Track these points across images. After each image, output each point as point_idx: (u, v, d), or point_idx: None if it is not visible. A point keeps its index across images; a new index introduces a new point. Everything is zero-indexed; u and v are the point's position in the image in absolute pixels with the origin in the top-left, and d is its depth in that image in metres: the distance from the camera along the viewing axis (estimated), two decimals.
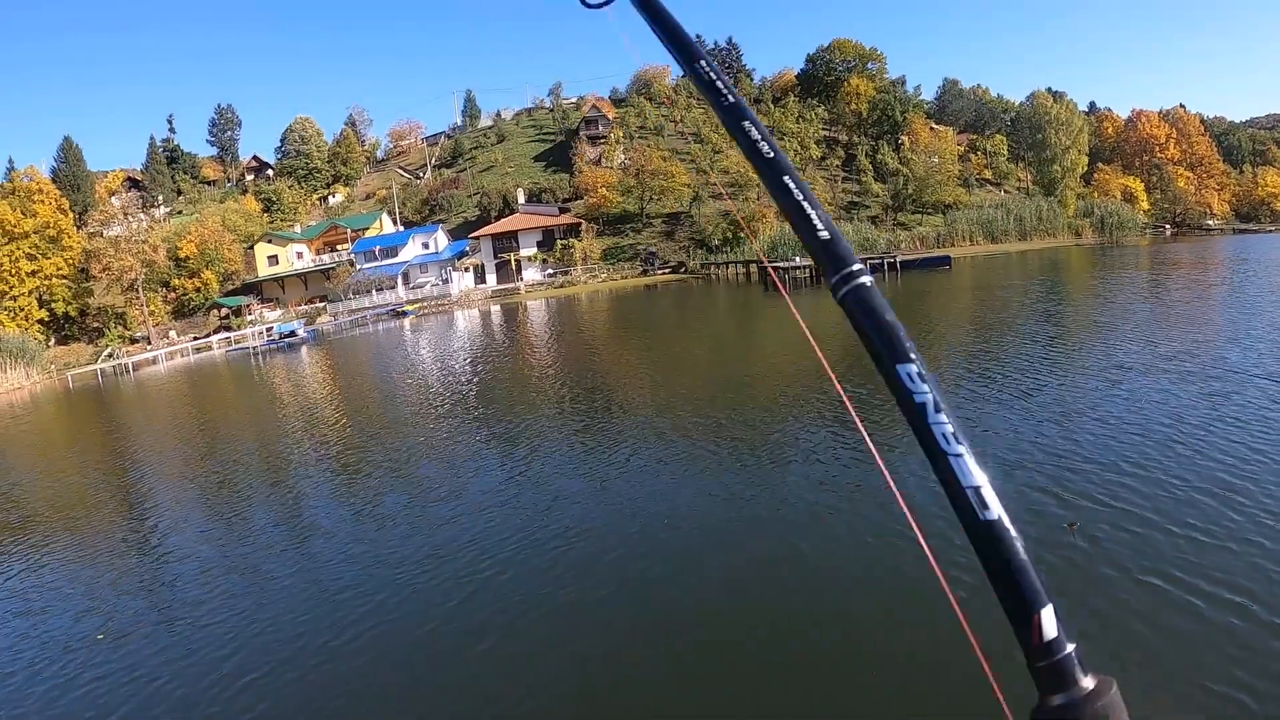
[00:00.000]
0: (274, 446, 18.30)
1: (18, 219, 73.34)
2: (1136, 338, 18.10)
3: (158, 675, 7.06)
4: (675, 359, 24.62)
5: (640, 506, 9.94)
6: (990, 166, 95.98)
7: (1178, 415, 11.03)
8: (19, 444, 27.10)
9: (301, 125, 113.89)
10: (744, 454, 11.73)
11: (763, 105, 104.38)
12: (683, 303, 49.33)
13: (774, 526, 8.75)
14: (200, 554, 10.53)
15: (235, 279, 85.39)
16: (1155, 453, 9.59)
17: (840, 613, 6.73)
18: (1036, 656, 0.88)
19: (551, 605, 7.41)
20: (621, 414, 16.07)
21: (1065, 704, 0.84)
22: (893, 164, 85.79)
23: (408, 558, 9.13)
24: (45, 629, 8.64)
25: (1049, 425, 11.31)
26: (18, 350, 56.47)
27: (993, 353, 18.19)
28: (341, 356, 41.81)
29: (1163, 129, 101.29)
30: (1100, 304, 26.46)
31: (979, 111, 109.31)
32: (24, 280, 73.00)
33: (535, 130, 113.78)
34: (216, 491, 14.39)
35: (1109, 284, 33.22)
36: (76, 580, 10.35)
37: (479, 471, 12.90)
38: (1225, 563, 6.52)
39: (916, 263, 53.64)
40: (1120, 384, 13.41)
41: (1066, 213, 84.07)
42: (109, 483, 16.99)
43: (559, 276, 79.83)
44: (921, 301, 33.56)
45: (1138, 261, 45.99)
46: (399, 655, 6.85)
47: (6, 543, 12.46)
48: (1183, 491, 8.27)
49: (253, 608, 8.35)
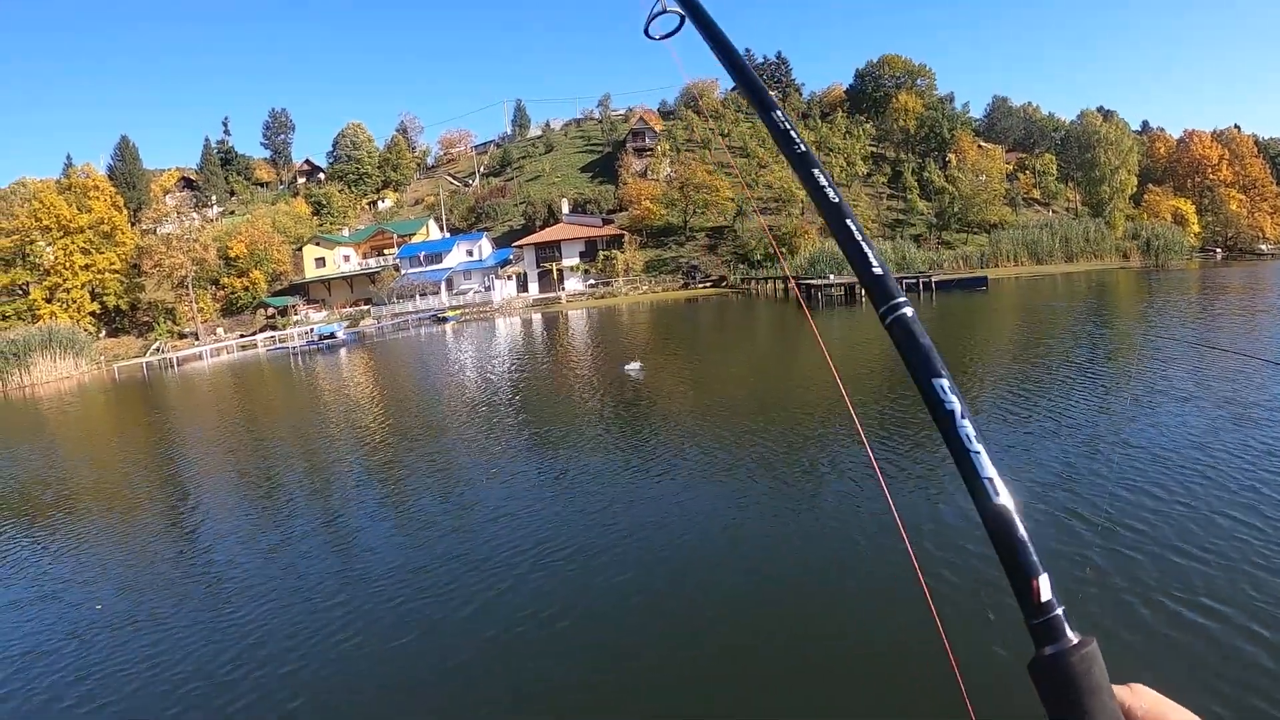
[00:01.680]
0: (296, 440, 18.49)
1: (73, 214, 75.40)
2: (1175, 363, 17.55)
3: (186, 654, 7.21)
4: (710, 373, 24.44)
5: (675, 520, 9.92)
6: (1039, 186, 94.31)
7: (1207, 444, 10.69)
8: (64, 429, 28.23)
9: (354, 131, 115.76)
10: (767, 470, 11.61)
11: (810, 120, 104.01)
12: (721, 316, 49.22)
13: (788, 544, 8.71)
14: (229, 539, 10.66)
15: (283, 279, 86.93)
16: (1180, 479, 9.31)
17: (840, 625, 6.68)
18: (1033, 614, 1.07)
19: (591, 605, 7.53)
20: (657, 427, 15.96)
21: (1055, 652, 1.04)
22: (939, 182, 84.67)
23: (441, 554, 9.23)
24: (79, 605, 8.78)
25: (1074, 449, 11.02)
26: (68, 341, 58.05)
27: (1020, 376, 17.76)
28: (378, 359, 42.26)
29: (1215, 150, 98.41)
30: (1137, 329, 25.79)
31: (1028, 129, 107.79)
32: (77, 274, 75.00)
33: (583, 141, 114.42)
34: (238, 479, 14.60)
35: (1150, 309, 32.39)
36: (110, 560, 10.52)
37: (497, 476, 12.93)
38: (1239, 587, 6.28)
39: (953, 283, 52.88)
40: (1154, 410, 13.00)
41: (1114, 234, 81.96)
42: (138, 467, 17.47)
43: (600, 287, 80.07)
44: (951, 323, 33.02)
45: (1184, 285, 44.84)
46: (439, 648, 6.96)
47: (45, 523, 12.72)
48: (1204, 517, 8.15)
49: (277, 600, 8.43)
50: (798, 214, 78.97)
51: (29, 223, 74.60)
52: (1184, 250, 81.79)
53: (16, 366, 53.33)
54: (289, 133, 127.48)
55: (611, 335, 41.97)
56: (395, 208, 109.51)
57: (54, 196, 76.25)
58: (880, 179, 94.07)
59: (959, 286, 52.25)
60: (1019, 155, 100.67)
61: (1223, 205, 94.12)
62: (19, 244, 75.17)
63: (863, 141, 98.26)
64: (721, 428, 14.95)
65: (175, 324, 78.74)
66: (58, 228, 75.17)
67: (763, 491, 10.79)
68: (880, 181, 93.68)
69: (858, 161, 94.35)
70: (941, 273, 60.10)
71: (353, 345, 55.05)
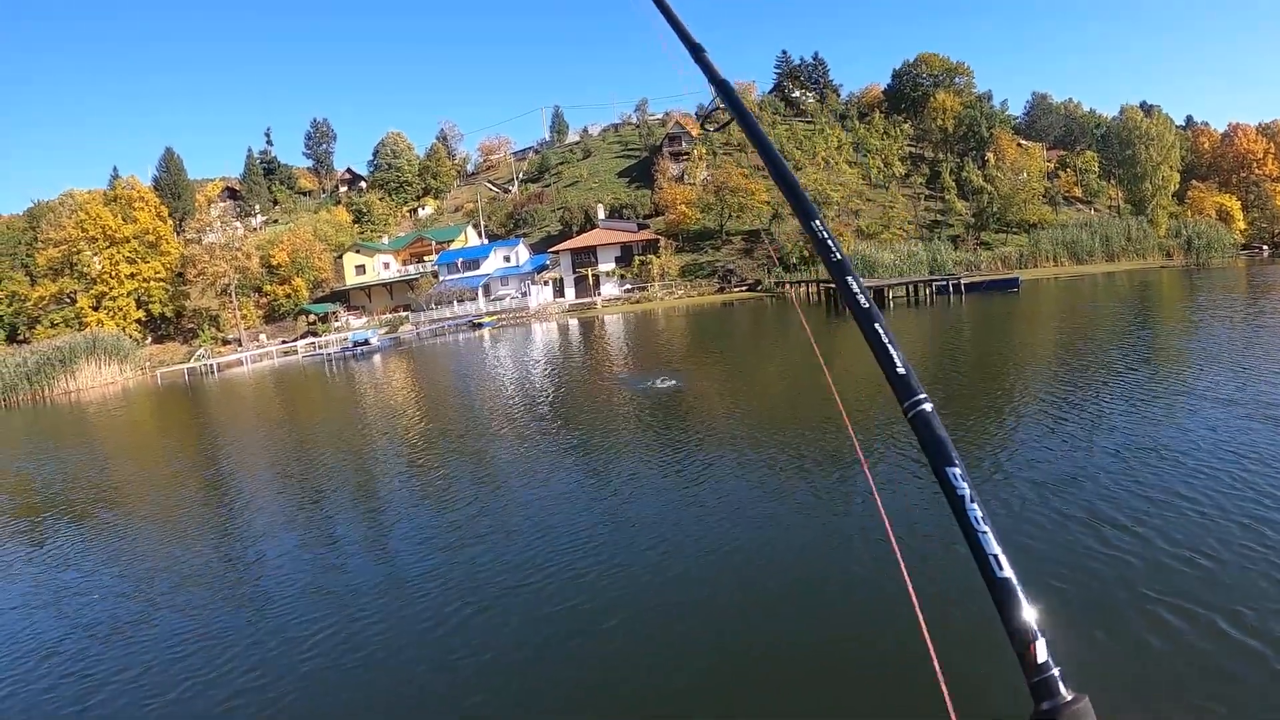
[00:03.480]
0: (323, 442, 18.72)
1: (119, 224, 77.50)
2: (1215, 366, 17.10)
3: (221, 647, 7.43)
4: (744, 380, 24.32)
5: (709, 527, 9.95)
6: (1080, 184, 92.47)
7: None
8: (108, 433, 29.35)
9: (394, 140, 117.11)
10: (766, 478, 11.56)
11: (848, 121, 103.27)
12: (757, 321, 48.92)
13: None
14: (266, 538, 10.92)
15: (325, 287, 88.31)
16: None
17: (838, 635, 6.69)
18: (1032, 674, 1.25)
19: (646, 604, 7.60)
20: (694, 433, 15.89)
21: (1051, 708, 1.20)
22: (977, 181, 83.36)
23: (479, 558, 9.38)
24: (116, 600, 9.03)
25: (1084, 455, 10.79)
26: (113, 347, 59.55)
27: (1048, 381, 17.43)
28: (411, 365, 42.83)
29: (1260, 144, 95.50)
30: (1174, 334, 25.14)
31: (1069, 127, 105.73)
32: (123, 282, 77.07)
33: (620, 146, 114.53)
34: (270, 479, 14.89)
35: (1188, 312, 31.53)
36: (155, 556, 10.78)
37: (503, 483, 13.01)
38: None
39: (983, 285, 51.98)
40: (1186, 416, 12.69)
41: (1158, 232, 79.93)
42: (175, 467, 17.88)
43: (636, 292, 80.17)
44: (975, 327, 32.45)
45: (1225, 285, 43.63)
46: (488, 646, 7.10)
47: (91, 521, 13.09)
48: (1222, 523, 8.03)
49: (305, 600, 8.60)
50: (832, 215, 78.41)
51: (76, 233, 76.96)
52: (1227, 248, 79.40)
53: (63, 372, 54.74)
54: (330, 142, 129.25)
55: (647, 341, 41.99)
56: (435, 215, 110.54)
57: (100, 208, 78.49)
58: (918, 179, 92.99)
59: (990, 288, 51.39)
60: (1060, 153, 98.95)
61: (1269, 200, 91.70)
62: (67, 254, 77.37)
63: (900, 142, 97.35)
64: (762, 436, 14.92)
65: (219, 330, 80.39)
66: (104, 238, 77.41)
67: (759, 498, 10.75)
68: (918, 182, 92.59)
69: (895, 162, 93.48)
70: (971, 274, 59.17)
71: (387, 351, 55.75)
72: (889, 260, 66.25)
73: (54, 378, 54.38)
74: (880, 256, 67.02)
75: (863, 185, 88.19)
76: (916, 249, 69.81)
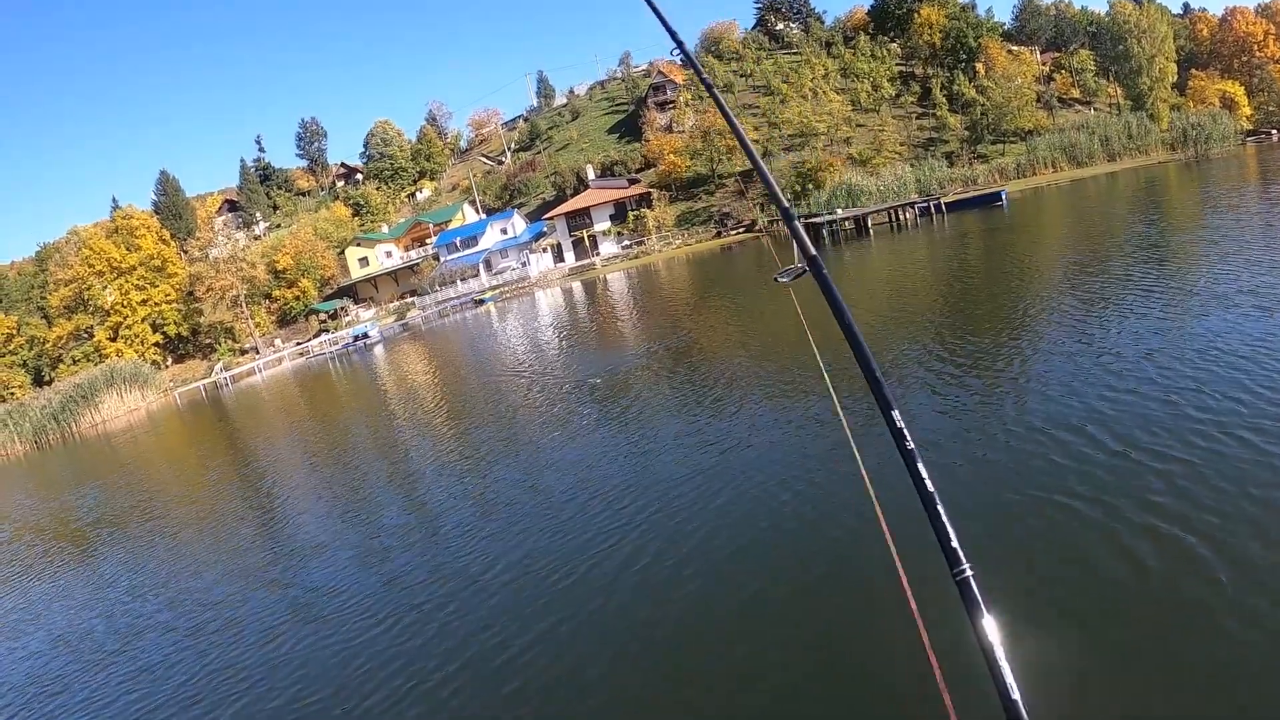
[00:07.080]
0: (327, 444, 19.30)
1: (123, 254, 78.86)
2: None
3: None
4: (751, 324, 24.37)
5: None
6: (1078, 84, 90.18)
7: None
8: (136, 459, 30.73)
9: (382, 129, 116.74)
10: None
11: (834, 48, 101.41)
12: (758, 262, 48.41)
13: None
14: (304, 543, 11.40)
15: (332, 284, 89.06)
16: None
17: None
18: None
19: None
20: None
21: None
22: (969, 93, 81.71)
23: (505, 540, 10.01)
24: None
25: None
26: (131, 375, 60.61)
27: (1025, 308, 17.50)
28: (412, 353, 43.54)
29: (1260, 25, 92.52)
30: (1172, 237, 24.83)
31: (1060, 27, 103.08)
32: (136, 310, 78.33)
33: (608, 103, 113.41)
34: (283, 484, 15.44)
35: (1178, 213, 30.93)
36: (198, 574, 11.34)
37: (503, 475, 13.49)
38: None
39: (965, 203, 51.21)
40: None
41: (1160, 127, 77.63)
42: (198, 483, 18.59)
43: (634, 247, 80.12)
44: (944, 255, 31.81)
45: (1225, 176, 42.57)
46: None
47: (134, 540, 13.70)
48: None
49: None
50: (821, 147, 77.67)
51: (84, 270, 78.50)
52: (1228, 136, 75.97)
53: (86, 407, 55.77)
54: (322, 139, 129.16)
55: (647, 295, 42.22)
56: (434, 196, 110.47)
57: (103, 241, 79.74)
58: (909, 99, 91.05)
59: (971, 205, 50.62)
60: (1054, 55, 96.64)
61: (1274, 83, 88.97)
62: (78, 291, 79.03)
63: (888, 62, 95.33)
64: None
65: (235, 341, 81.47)
66: (110, 270, 78.64)
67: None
68: (909, 102, 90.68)
69: (884, 84, 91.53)
70: (951, 192, 58.02)
71: (390, 340, 56.54)
72: (874, 188, 63.85)
73: (79, 414, 55.27)
74: (866, 184, 64.70)
75: (850, 112, 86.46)
76: (903, 172, 68.41)
